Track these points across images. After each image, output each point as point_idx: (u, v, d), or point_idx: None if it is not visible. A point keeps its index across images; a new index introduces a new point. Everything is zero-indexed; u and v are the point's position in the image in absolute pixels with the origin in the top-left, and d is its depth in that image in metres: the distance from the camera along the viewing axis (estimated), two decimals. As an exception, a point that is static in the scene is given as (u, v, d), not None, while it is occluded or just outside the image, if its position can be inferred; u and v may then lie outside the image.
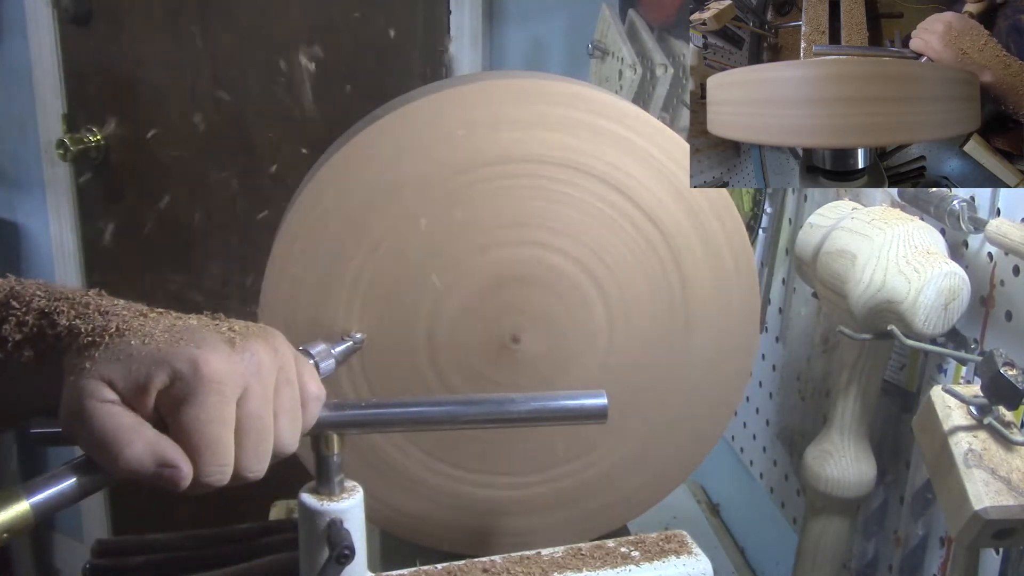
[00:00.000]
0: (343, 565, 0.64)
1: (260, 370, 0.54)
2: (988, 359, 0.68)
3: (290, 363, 0.57)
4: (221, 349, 0.53)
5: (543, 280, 0.82)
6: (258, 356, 0.54)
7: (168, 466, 0.51)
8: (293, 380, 0.57)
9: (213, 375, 0.52)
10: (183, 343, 0.53)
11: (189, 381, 0.51)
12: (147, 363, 0.51)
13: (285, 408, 0.56)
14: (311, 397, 0.59)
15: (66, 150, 2.01)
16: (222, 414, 0.52)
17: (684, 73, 1.31)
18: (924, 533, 0.87)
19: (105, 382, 0.51)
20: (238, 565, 0.87)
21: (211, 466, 0.52)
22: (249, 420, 0.53)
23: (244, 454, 0.54)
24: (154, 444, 0.51)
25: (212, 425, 0.52)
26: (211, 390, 0.52)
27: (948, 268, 0.77)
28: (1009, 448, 0.68)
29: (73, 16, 1.97)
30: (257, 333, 0.56)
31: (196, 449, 0.52)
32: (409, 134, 0.80)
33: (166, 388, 0.52)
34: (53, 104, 2.05)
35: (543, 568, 0.74)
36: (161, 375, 0.51)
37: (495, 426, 0.72)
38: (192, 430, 0.51)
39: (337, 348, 0.74)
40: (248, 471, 0.54)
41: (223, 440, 0.52)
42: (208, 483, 0.53)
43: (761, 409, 1.23)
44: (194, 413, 0.51)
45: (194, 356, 0.52)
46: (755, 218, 1.20)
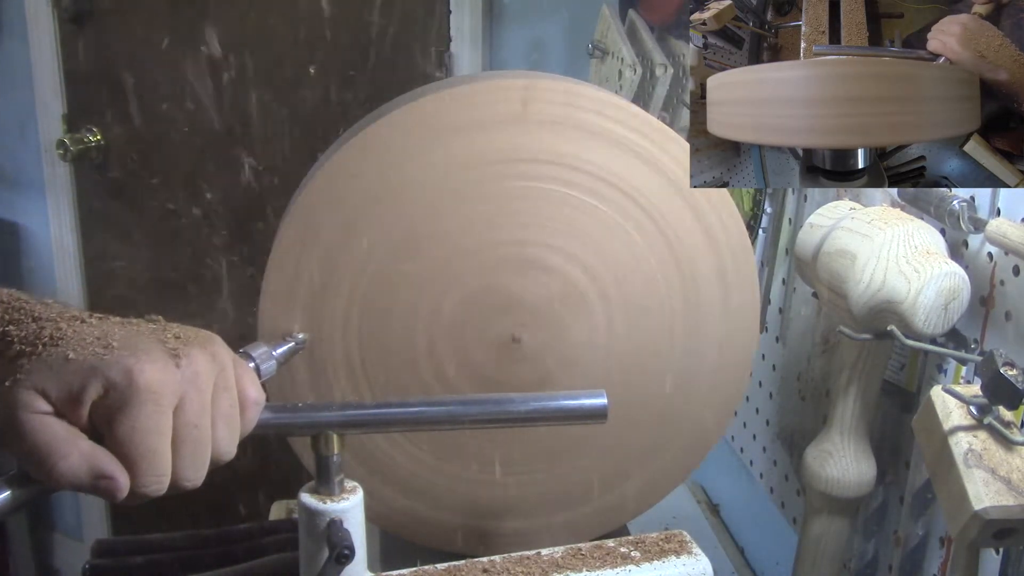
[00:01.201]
0: (343, 565, 0.64)
1: (197, 378, 0.53)
2: (988, 359, 0.68)
3: (228, 369, 0.56)
4: (157, 358, 0.52)
5: (543, 280, 0.82)
6: (195, 364, 0.53)
7: (104, 477, 0.50)
8: (231, 386, 0.56)
9: (148, 384, 0.51)
10: (118, 352, 0.51)
11: (123, 391, 0.51)
12: (81, 373, 0.51)
13: (223, 415, 0.55)
14: (250, 402, 0.58)
15: (66, 150, 2.01)
16: (158, 424, 0.51)
17: (684, 73, 1.31)
18: (924, 533, 0.87)
19: (38, 392, 0.50)
20: (238, 565, 0.87)
21: (148, 476, 0.51)
22: (186, 429, 0.53)
23: (181, 463, 0.53)
24: (89, 456, 0.50)
25: (148, 435, 0.51)
26: (146, 400, 0.51)
27: (948, 268, 0.77)
28: (1009, 448, 0.68)
29: (73, 16, 1.97)
30: (194, 339, 0.55)
31: (132, 460, 0.51)
32: (409, 134, 0.80)
33: (100, 398, 0.51)
34: (53, 104, 2.05)
35: (543, 568, 0.74)
36: (95, 385, 0.51)
37: (495, 426, 0.72)
38: (128, 441, 0.51)
39: (278, 350, 0.73)
40: (185, 480, 0.54)
41: (160, 450, 0.52)
42: (145, 493, 0.52)
43: (761, 409, 1.23)
44: (129, 424, 0.51)
45: (129, 366, 0.51)
46: (755, 218, 1.21)
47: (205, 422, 0.54)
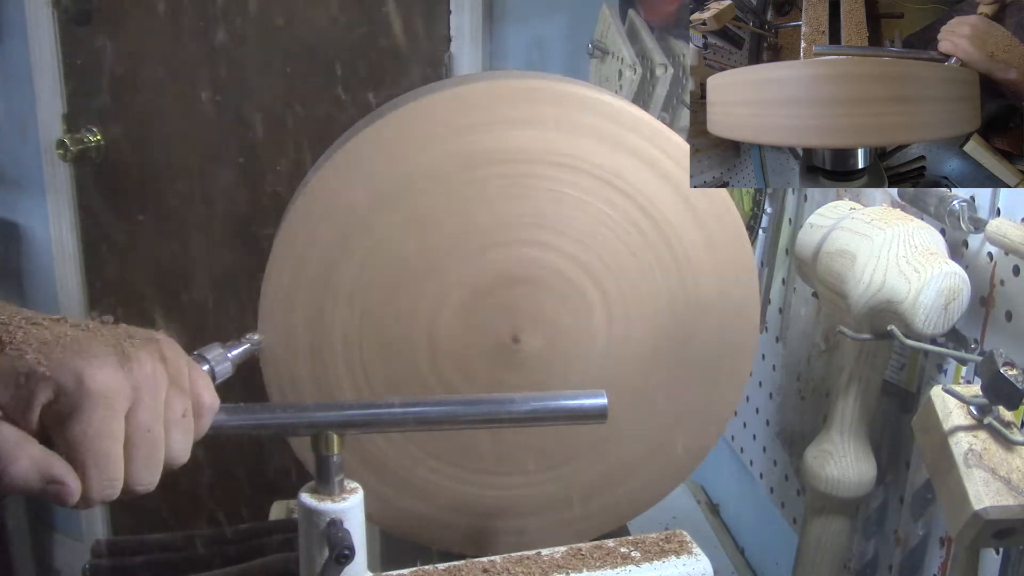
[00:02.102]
0: (343, 565, 0.64)
1: (149, 381, 0.53)
2: (988, 359, 0.68)
3: (182, 372, 0.56)
4: (108, 361, 0.51)
5: (543, 280, 0.82)
6: (147, 367, 0.53)
7: (55, 482, 0.50)
8: (185, 389, 0.56)
9: (99, 389, 0.50)
10: (68, 355, 0.51)
11: (74, 396, 0.50)
12: (30, 378, 0.50)
13: (176, 419, 0.55)
14: (204, 407, 0.58)
15: (66, 150, 2.01)
16: (110, 428, 0.51)
17: (684, 73, 1.31)
18: (924, 533, 0.87)
19: None
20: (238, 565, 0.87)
21: (100, 481, 0.51)
22: (138, 433, 0.52)
23: (134, 467, 0.52)
24: (40, 460, 0.50)
25: (99, 440, 0.50)
26: (97, 404, 0.50)
27: (948, 268, 0.77)
28: (1009, 448, 0.68)
29: (73, 16, 1.97)
30: (147, 342, 0.54)
31: (84, 465, 0.50)
32: (409, 134, 0.80)
33: (51, 403, 0.50)
34: (53, 104, 2.05)
35: (543, 568, 0.74)
36: (45, 390, 0.50)
37: (495, 426, 0.72)
38: (79, 445, 0.50)
39: (233, 351, 0.72)
40: (138, 484, 0.53)
41: (112, 454, 0.51)
42: (97, 498, 0.51)
43: (761, 409, 1.23)
44: (80, 428, 0.50)
45: (79, 369, 0.50)
46: (755, 218, 1.20)
47: (158, 426, 0.53)
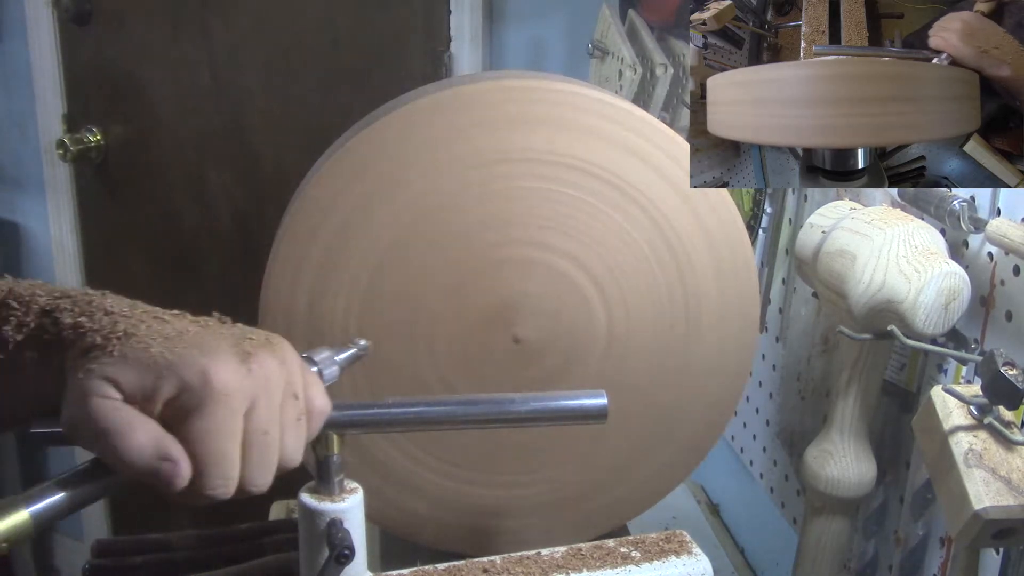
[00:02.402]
0: (343, 565, 0.64)
1: (268, 384, 0.53)
2: (988, 359, 0.68)
3: (297, 376, 0.56)
4: (231, 360, 0.52)
5: (543, 280, 0.82)
6: (266, 368, 0.53)
7: (168, 460, 0.50)
8: (299, 393, 0.56)
9: (222, 387, 0.51)
10: (193, 351, 0.51)
11: (198, 392, 0.50)
12: (155, 371, 0.50)
13: (291, 422, 0.55)
14: (316, 411, 0.58)
15: (66, 150, 2.01)
16: (230, 427, 0.51)
17: (684, 73, 1.31)
18: (924, 533, 0.87)
19: (111, 384, 0.50)
20: (238, 565, 0.86)
21: (216, 479, 0.51)
22: (256, 434, 0.53)
23: (249, 468, 0.53)
24: (158, 438, 0.50)
25: (219, 438, 0.51)
26: (220, 402, 0.51)
27: (948, 268, 0.77)
28: (1009, 448, 0.68)
29: (73, 16, 1.97)
30: (265, 343, 0.55)
31: (202, 461, 0.51)
32: (409, 134, 0.80)
33: (173, 398, 0.51)
34: (53, 104, 2.05)
35: (543, 568, 0.74)
36: (169, 385, 0.50)
37: (495, 426, 0.72)
38: (199, 442, 0.50)
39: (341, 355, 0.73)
40: (252, 485, 0.53)
41: (229, 453, 0.51)
42: (212, 495, 0.52)
43: (761, 409, 1.23)
44: (201, 425, 0.50)
45: (204, 367, 0.51)
46: (755, 218, 1.20)
47: (274, 428, 0.53)
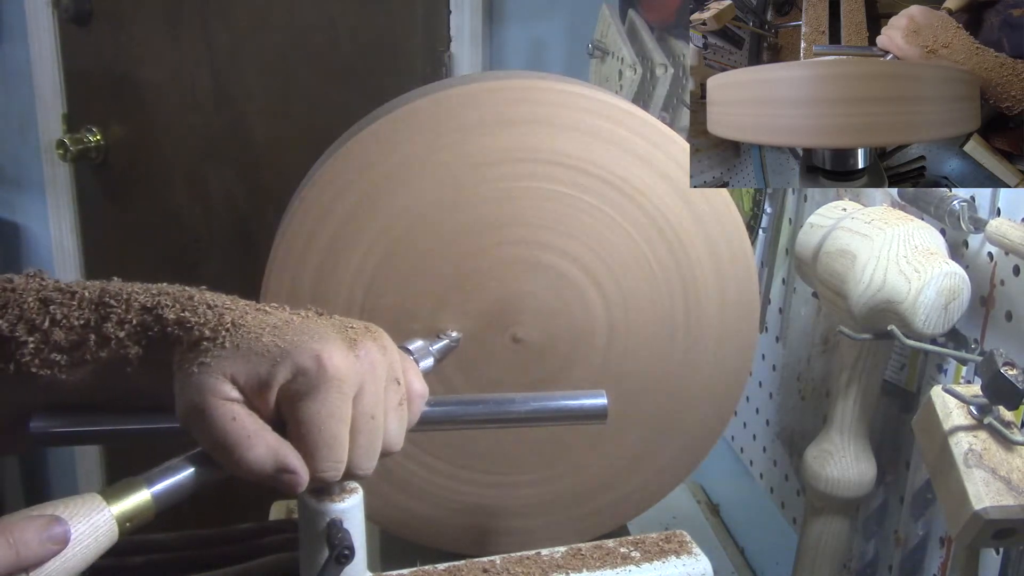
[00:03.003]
0: (343, 565, 0.64)
1: (374, 368, 0.54)
2: (988, 359, 0.68)
3: (397, 362, 0.57)
4: (341, 346, 0.53)
5: (543, 280, 0.82)
6: (372, 354, 0.54)
7: (287, 471, 0.51)
8: (400, 379, 0.57)
9: (335, 372, 0.52)
10: (305, 338, 0.52)
11: (312, 377, 0.51)
12: (270, 358, 0.51)
13: (394, 407, 0.56)
14: (416, 395, 0.59)
15: (66, 150, 2.01)
16: (341, 411, 0.52)
17: (684, 73, 1.31)
18: (924, 533, 0.87)
19: (227, 378, 0.51)
20: (238, 565, 0.86)
21: (327, 462, 0.52)
22: (363, 419, 0.54)
23: (357, 452, 0.54)
24: (275, 449, 0.51)
25: (331, 421, 0.52)
26: (332, 387, 0.52)
27: (948, 268, 0.77)
28: (1009, 448, 0.68)
29: (73, 16, 1.97)
30: (367, 331, 0.56)
31: (314, 444, 0.52)
32: (409, 134, 0.80)
33: (288, 383, 0.52)
34: (53, 104, 2.05)
35: (543, 568, 0.74)
36: (284, 370, 0.51)
37: (495, 426, 0.72)
38: (312, 425, 0.52)
39: (435, 346, 0.73)
40: (359, 468, 0.54)
41: (340, 437, 0.52)
42: (323, 479, 0.53)
43: (761, 409, 1.23)
44: (315, 408, 0.51)
45: (317, 352, 0.52)
46: (755, 218, 1.20)
47: (380, 412, 0.55)
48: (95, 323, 0.55)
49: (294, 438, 0.52)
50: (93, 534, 0.47)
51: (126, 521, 0.48)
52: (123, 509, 0.48)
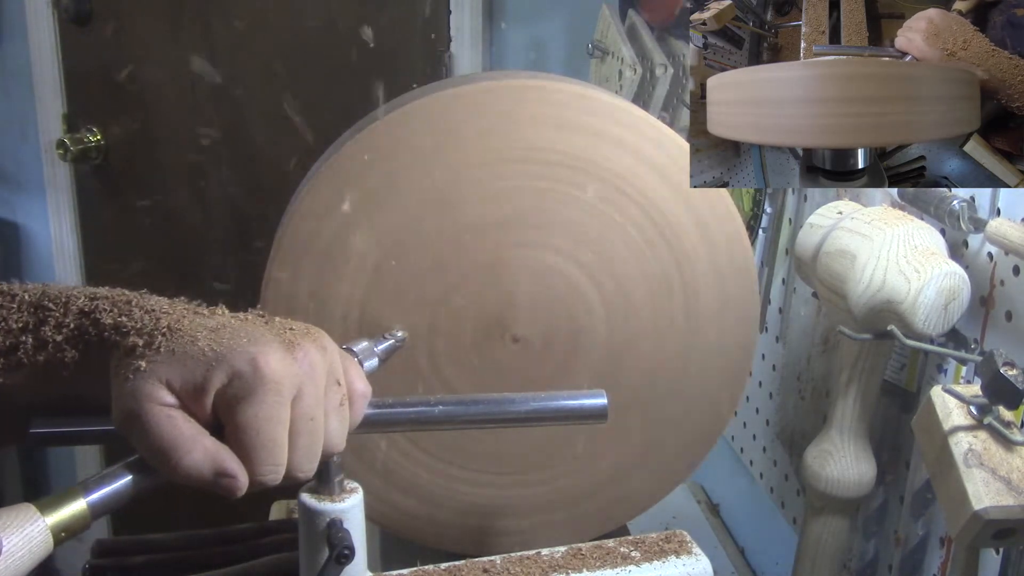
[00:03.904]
0: (343, 565, 0.64)
1: (313, 370, 0.54)
2: (988, 359, 0.68)
3: (338, 363, 0.57)
4: (277, 348, 0.53)
5: (543, 280, 0.82)
6: (311, 356, 0.54)
7: (226, 475, 0.51)
8: (341, 379, 0.57)
9: (272, 374, 0.51)
10: (241, 342, 0.52)
11: (248, 380, 0.51)
12: (205, 362, 0.51)
13: (334, 408, 0.56)
14: (358, 395, 0.59)
15: (66, 150, 2.01)
16: (279, 414, 0.52)
17: (684, 73, 1.31)
18: (924, 533, 0.87)
19: (163, 383, 0.51)
20: (238, 565, 0.86)
21: (266, 465, 0.52)
22: (302, 420, 0.53)
23: (297, 454, 0.53)
24: (213, 453, 0.51)
25: (269, 424, 0.51)
26: (269, 389, 0.51)
27: (948, 268, 0.77)
28: (1009, 448, 0.68)
29: (73, 16, 1.97)
30: (306, 333, 0.56)
31: (252, 448, 0.51)
32: (409, 134, 0.80)
33: (224, 387, 0.51)
34: (53, 104, 2.05)
35: (543, 568, 0.74)
36: (220, 374, 0.51)
37: (495, 426, 0.72)
38: (249, 429, 0.51)
39: (380, 346, 0.73)
40: (299, 471, 0.54)
41: (278, 440, 0.52)
42: (262, 482, 0.53)
43: (761, 409, 1.23)
44: (252, 412, 0.51)
45: (253, 355, 0.51)
46: (755, 218, 1.21)
47: (320, 414, 0.54)
48: (33, 326, 0.55)
49: (232, 442, 0.51)
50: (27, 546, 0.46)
51: (61, 531, 0.48)
52: (58, 519, 0.48)
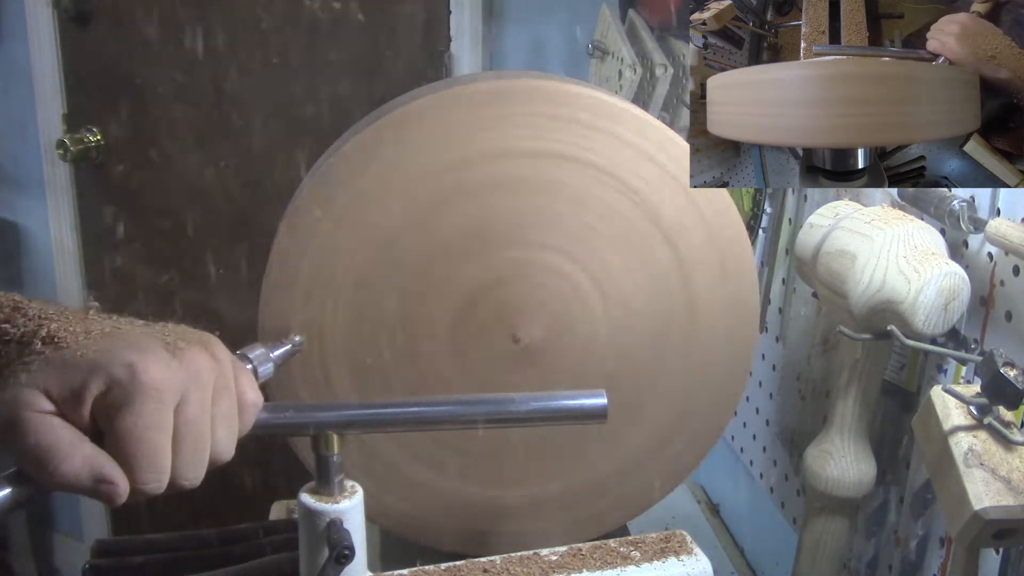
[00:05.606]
0: (343, 565, 0.64)
1: (198, 377, 0.53)
2: (988, 359, 0.68)
3: (228, 370, 0.56)
4: (159, 355, 0.52)
5: (543, 280, 0.82)
6: (196, 362, 0.54)
7: (105, 481, 0.50)
8: (231, 387, 0.56)
9: (151, 381, 0.51)
10: (120, 349, 0.51)
11: (126, 387, 0.50)
12: (83, 370, 0.50)
13: (223, 415, 0.55)
14: (248, 404, 0.58)
15: (66, 150, 2.01)
16: (160, 421, 0.51)
17: (684, 73, 1.31)
18: (924, 533, 0.87)
19: (41, 391, 0.50)
20: (238, 565, 0.86)
21: (148, 473, 0.51)
22: (187, 427, 0.53)
23: (181, 461, 0.53)
24: (91, 459, 0.50)
25: (149, 432, 0.51)
26: (149, 396, 0.51)
27: (948, 268, 0.77)
28: (1009, 448, 0.68)
29: (73, 16, 1.97)
30: (195, 339, 0.55)
31: (133, 456, 0.51)
32: (409, 134, 0.80)
33: (102, 394, 0.51)
34: (53, 104, 2.05)
35: (543, 568, 0.74)
36: (97, 382, 0.50)
37: (495, 426, 0.72)
38: (129, 437, 0.50)
39: (275, 351, 0.73)
40: (184, 479, 0.53)
41: (160, 447, 0.51)
42: (144, 491, 0.52)
43: (761, 409, 1.23)
44: (131, 420, 0.50)
45: (132, 362, 0.51)
46: (755, 218, 1.21)
47: (205, 421, 0.54)
48: None
49: (113, 450, 0.50)
50: None
51: None
52: None
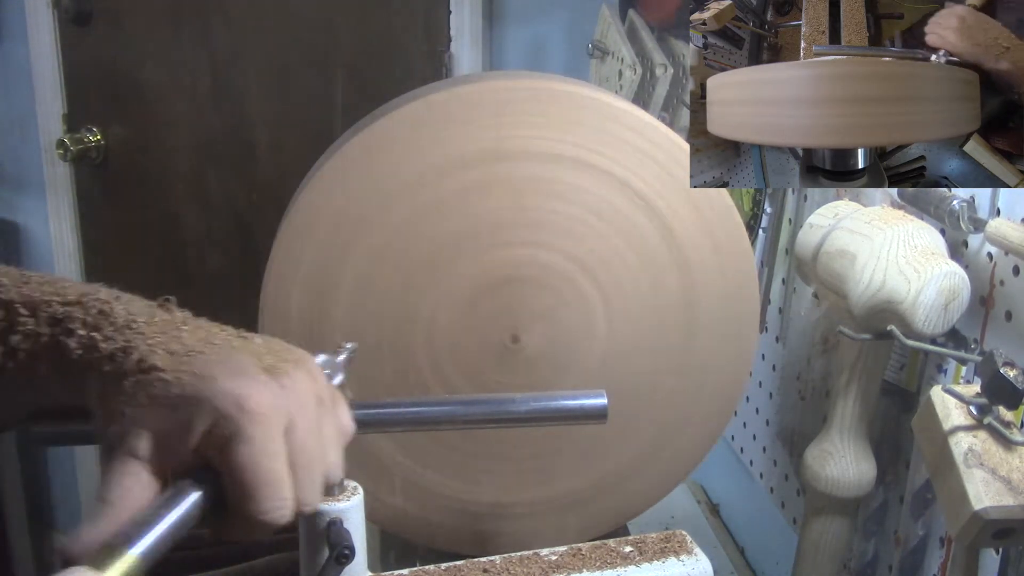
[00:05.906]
0: (343, 565, 0.64)
1: (302, 399, 0.51)
2: (988, 359, 0.68)
3: (325, 387, 0.55)
4: (261, 380, 0.50)
5: (543, 280, 0.82)
6: (300, 384, 0.52)
7: None
8: (329, 406, 0.54)
9: (258, 409, 0.49)
10: (223, 378, 0.49)
11: (235, 419, 0.48)
12: (187, 407, 0.48)
13: (329, 437, 0.53)
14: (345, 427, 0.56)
15: (66, 150, 2.01)
16: (276, 449, 0.49)
17: (684, 73, 1.31)
18: (924, 533, 0.87)
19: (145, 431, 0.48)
20: (238, 565, 0.87)
21: (272, 501, 0.49)
22: (299, 452, 0.50)
23: (299, 487, 0.50)
24: None
25: (265, 459, 0.49)
26: (258, 423, 0.49)
27: (948, 268, 0.77)
28: (1009, 448, 0.68)
29: (73, 16, 1.97)
30: (291, 358, 0.53)
31: (254, 486, 0.48)
32: (409, 134, 0.80)
33: (208, 430, 0.49)
34: (53, 104, 2.05)
35: (543, 568, 0.74)
36: (204, 418, 0.48)
37: (495, 426, 0.72)
38: (246, 467, 0.48)
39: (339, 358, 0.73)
40: (305, 504, 0.51)
41: (280, 475, 0.49)
42: (269, 520, 0.49)
43: (761, 409, 1.23)
44: (247, 451, 0.48)
45: (236, 393, 0.49)
46: (755, 218, 1.21)
47: (315, 443, 0.52)
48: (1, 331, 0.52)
49: (231, 483, 0.48)
50: None
51: None
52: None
